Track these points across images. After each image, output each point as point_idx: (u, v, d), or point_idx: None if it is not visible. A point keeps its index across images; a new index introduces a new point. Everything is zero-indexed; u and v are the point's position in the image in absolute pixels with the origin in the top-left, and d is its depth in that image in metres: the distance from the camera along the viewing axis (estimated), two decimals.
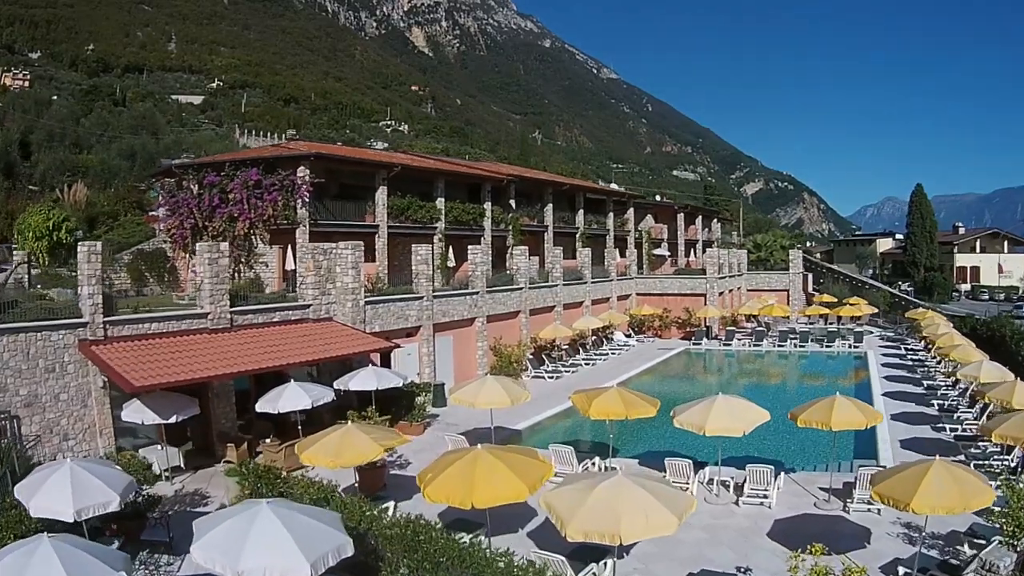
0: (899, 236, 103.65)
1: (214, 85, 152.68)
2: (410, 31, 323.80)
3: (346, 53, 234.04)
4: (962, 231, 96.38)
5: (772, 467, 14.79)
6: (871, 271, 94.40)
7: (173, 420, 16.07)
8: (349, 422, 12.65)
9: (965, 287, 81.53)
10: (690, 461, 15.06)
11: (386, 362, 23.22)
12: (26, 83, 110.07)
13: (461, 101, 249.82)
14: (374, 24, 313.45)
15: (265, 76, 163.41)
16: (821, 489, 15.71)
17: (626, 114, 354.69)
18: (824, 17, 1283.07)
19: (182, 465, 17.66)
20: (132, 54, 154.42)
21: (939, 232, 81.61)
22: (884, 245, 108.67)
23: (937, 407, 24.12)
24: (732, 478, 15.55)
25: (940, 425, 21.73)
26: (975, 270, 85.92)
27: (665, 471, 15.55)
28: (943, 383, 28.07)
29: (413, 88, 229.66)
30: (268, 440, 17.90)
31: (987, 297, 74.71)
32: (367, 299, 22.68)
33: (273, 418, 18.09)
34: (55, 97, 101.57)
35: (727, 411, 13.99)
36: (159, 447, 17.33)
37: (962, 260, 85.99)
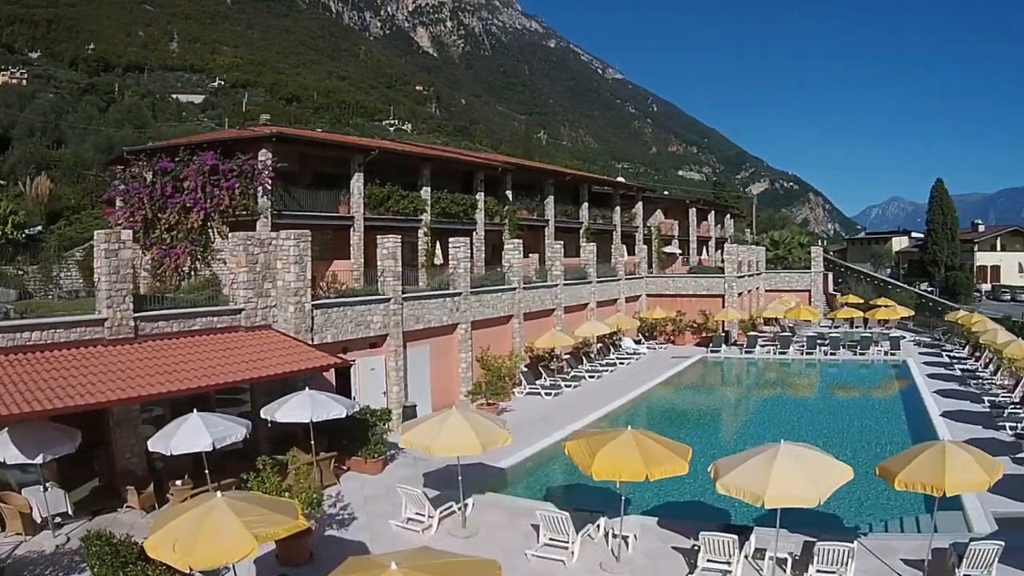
0: (916, 234, 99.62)
1: (216, 84, 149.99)
2: (415, 31, 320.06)
3: (350, 53, 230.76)
4: (981, 228, 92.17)
5: (851, 545, 10.44)
6: (888, 270, 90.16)
7: (39, 460, 12.22)
8: (219, 495, 8.21)
9: (985, 287, 77.96)
10: (735, 537, 10.60)
11: (345, 380, 19.05)
12: (23, 82, 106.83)
13: (466, 101, 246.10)
14: (378, 24, 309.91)
15: (267, 75, 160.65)
16: (906, 563, 11.41)
17: (631, 114, 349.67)
18: (827, 17, 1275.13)
19: (70, 511, 13.78)
20: (133, 53, 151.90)
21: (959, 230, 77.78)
22: (900, 244, 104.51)
23: (1011, 432, 20.24)
24: (791, 554, 11.20)
25: (1021, 456, 17.88)
26: (995, 269, 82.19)
27: (697, 542, 11.26)
28: (1007, 399, 24.15)
29: (417, 88, 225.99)
30: (180, 482, 14.00)
31: (1009, 297, 71.61)
32: (315, 302, 18.56)
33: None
34: (51, 95, 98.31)
35: (794, 469, 9.58)
36: (40, 488, 13.50)
37: (982, 259, 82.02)
